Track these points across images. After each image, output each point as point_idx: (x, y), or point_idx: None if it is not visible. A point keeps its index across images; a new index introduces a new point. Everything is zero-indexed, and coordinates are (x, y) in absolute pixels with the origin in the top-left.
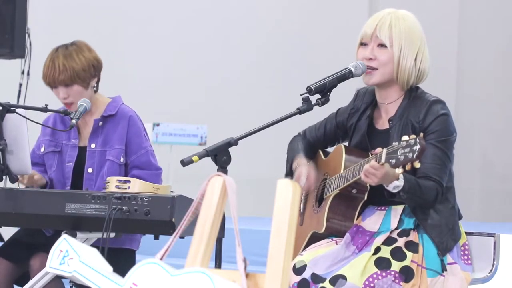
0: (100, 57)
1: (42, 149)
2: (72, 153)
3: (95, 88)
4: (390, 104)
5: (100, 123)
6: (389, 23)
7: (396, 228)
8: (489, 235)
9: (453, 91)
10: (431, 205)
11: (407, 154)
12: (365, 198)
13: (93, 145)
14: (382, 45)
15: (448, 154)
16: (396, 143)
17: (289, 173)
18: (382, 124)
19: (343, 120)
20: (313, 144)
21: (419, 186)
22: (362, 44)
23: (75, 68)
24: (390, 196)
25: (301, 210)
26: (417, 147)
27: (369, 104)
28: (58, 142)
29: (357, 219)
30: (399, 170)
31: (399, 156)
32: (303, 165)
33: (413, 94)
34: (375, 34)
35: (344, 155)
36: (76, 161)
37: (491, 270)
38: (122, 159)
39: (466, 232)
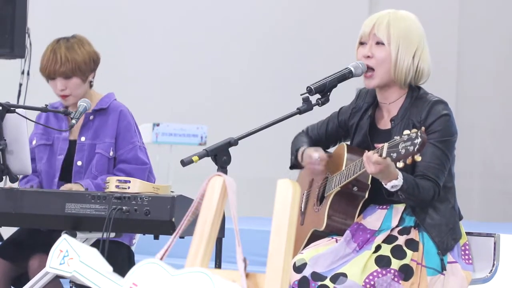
0: (98, 52)
1: (34, 142)
2: (63, 146)
3: (91, 83)
4: (391, 104)
5: (91, 117)
6: (387, 21)
7: (397, 226)
8: (489, 235)
9: (453, 91)
10: (427, 204)
11: (408, 147)
12: (366, 196)
13: (83, 138)
14: (379, 43)
15: (448, 154)
16: (398, 137)
17: (294, 166)
18: (384, 124)
19: (345, 119)
20: (315, 142)
21: (417, 187)
22: (361, 43)
23: (77, 60)
24: (388, 195)
25: (302, 210)
26: (418, 140)
27: (371, 104)
28: (49, 136)
29: (358, 217)
30: (400, 164)
31: (400, 150)
32: (312, 151)
33: (415, 94)
34: (372, 32)
35: (346, 154)
36: (67, 154)
37: (491, 270)
38: (111, 153)
39: (466, 232)
